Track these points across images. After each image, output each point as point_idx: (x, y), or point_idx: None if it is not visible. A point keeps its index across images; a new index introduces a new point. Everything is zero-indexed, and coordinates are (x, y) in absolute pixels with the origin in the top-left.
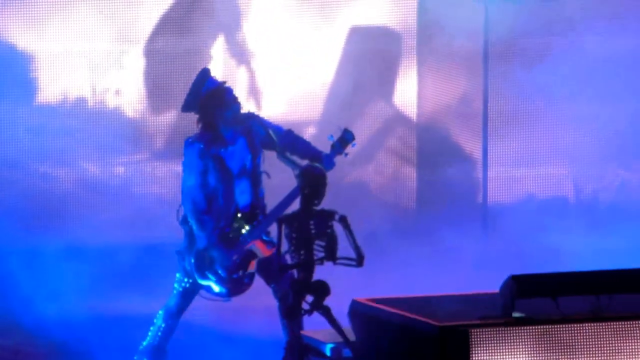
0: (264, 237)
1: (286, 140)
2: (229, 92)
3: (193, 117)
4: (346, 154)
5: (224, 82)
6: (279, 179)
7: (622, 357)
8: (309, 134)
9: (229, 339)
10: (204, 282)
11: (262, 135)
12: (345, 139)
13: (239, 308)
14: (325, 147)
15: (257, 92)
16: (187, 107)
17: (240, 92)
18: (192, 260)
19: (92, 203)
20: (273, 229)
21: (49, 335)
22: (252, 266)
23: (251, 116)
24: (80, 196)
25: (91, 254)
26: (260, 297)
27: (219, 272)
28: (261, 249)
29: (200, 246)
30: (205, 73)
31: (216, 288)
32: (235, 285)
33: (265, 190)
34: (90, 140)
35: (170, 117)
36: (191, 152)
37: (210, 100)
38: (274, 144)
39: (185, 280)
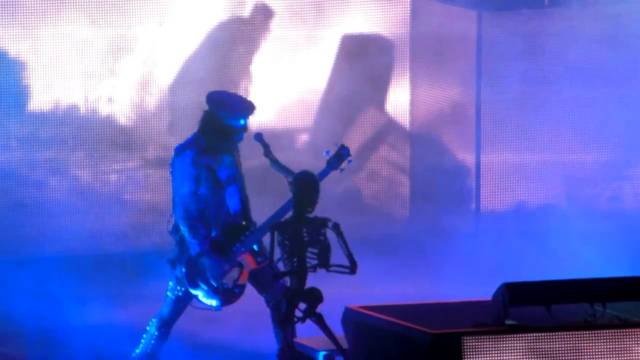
0: (256, 248)
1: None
2: (238, 136)
3: (186, 123)
4: (342, 170)
5: (244, 129)
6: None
7: None
8: (300, 141)
9: (219, 347)
10: (194, 292)
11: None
12: (342, 154)
13: (231, 316)
14: (318, 158)
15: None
16: (210, 104)
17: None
18: (183, 270)
19: (85, 211)
20: (266, 237)
21: (43, 344)
22: (244, 278)
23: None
24: (72, 204)
25: (83, 261)
26: (252, 304)
27: (211, 281)
28: (249, 262)
29: (192, 253)
30: (247, 113)
31: (206, 298)
32: (226, 295)
33: (262, 196)
34: (82, 148)
35: (162, 124)
36: (184, 160)
37: (225, 130)
38: None
39: (178, 288)
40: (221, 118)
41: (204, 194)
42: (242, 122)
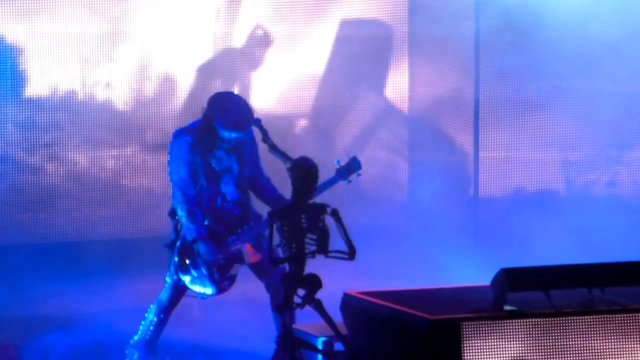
0: (251, 242)
1: (261, 182)
2: (237, 134)
3: (184, 110)
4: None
5: (238, 139)
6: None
7: (614, 350)
8: (299, 126)
9: (220, 334)
10: (183, 277)
11: (250, 150)
12: (353, 166)
13: (228, 301)
14: (317, 143)
15: (247, 85)
16: (209, 105)
17: (231, 85)
18: (176, 258)
19: (82, 196)
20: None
21: (36, 329)
22: (234, 269)
23: (248, 131)
24: (69, 189)
25: (81, 246)
26: (251, 290)
27: (202, 268)
28: (249, 253)
29: (188, 238)
30: (228, 125)
31: (195, 284)
32: (215, 284)
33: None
34: (79, 133)
35: (160, 109)
36: (180, 144)
37: (213, 132)
38: (254, 167)
39: (175, 277)
40: (215, 126)
41: (199, 181)
42: (234, 135)
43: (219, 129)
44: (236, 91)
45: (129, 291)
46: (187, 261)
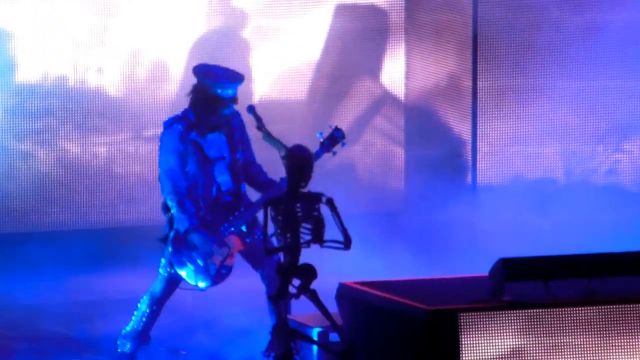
0: (244, 229)
1: (253, 168)
2: (227, 109)
3: (177, 96)
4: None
5: (233, 100)
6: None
7: (614, 341)
8: (294, 114)
9: (212, 325)
10: (180, 271)
11: (241, 134)
12: (335, 137)
13: (223, 292)
14: (313, 131)
15: (242, 71)
16: (198, 76)
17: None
18: (170, 249)
19: (73, 184)
20: (259, 213)
21: (29, 321)
22: (232, 259)
23: (235, 114)
24: (60, 177)
25: (72, 235)
26: (244, 281)
27: (197, 260)
28: (236, 244)
29: (181, 229)
30: (237, 82)
31: (192, 277)
32: (213, 275)
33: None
34: (71, 120)
35: (153, 95)
36: (171, 134)
37: (215, 102)
38: (245, 152)
39: (169, 268)
40: (209, 88)
41: (192, 172)
42: (230, 92)
43: (214, 88)
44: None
45: (121, 281)
46: (183, 257)
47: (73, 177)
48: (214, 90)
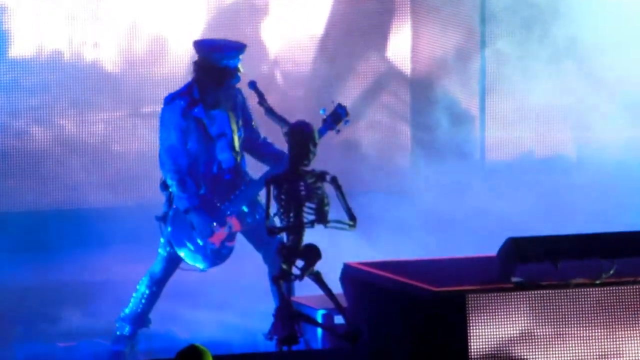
0: (245, 209)
1: (258, 141)
2: (238, 78)
3: (176, 71)
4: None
5: (237, 70)
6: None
7: (625, 322)
8: (297, 89)
9: (214, 307)
10: (179, 251)
11: (243, 110)
12: (338, 114)
13: (224, 273)
14: (316, 106)
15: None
16: (200, 51)
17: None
18: (169, 229)
19: (70, 162)
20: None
21: (25, 302)
22: (232, 241)
23: (237, 90)
24: (57, 155)
25: (69, 215)
26: (248, 262)
27: (197, 240)
28: (235, 225)
29: (180, 208)
30: (239, 51)
31: (192, 258)
32: (213, 256)
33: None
34: (66, 96)
35: (151, 71)
36: (172, 109)
37: (220, 74)
38: (249, 128)
39: (168, 248)
40: (215, 61)
41: (193, 149)
42: (236, 61)
43: (220, 60)
44: None
45: (119, 261)
46: (183, 237)
47: (70, 155)
48: (220, 62)
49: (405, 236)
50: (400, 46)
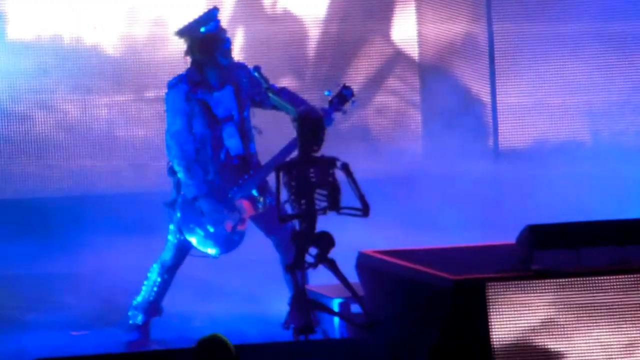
0: (255, 193)
1: (280, 96)
2: (226, 42)
3: (178, 55)
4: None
5: (225, 32)
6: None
7: None
8: (302, 75)
9: (227, 295)
10: (190, 237)
11: (249, 88)
12: (344, 95)
13: (239, 261)
14: (321, 91)
15: (246, 29)
16: (181, 34)
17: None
18: (179, 215)
19: (73, 147)
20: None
21: (37, 291)
22: (244, 225)
23: (242, 66)
24: (60, 140)
25: (72, 201)
26: (260, 249)
27: (207, 227)
28: (247, 209)
29: (188, 196)
30: (212, 14)
31: (203, 244)
32: (224, 242)
33: (258, 147)
34: (69, 80)
35: (153, 54)
36: (176, 94)
37: (206, 43)
38: (259, 100)
39: (178, 235)
40: (194, 34)
41: (200, 132)
42: (213, 24)
43: (197, 30)
44: (233, 36)
45: (128, 249)
46: (192, 223)
47: (73, 140)
48: (198, 32)
49: (419, 223)
50: (407, 30)
